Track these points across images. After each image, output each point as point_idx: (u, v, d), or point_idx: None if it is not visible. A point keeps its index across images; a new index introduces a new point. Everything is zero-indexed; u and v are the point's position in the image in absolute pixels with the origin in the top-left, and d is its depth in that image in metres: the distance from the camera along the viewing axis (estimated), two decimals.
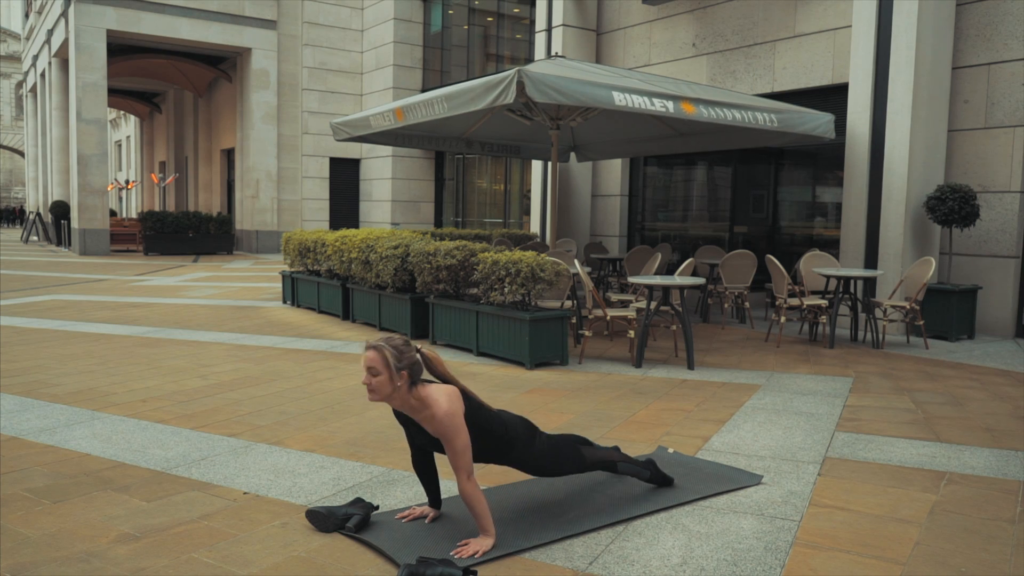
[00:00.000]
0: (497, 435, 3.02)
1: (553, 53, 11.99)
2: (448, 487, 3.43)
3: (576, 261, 7.58)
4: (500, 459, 3.10)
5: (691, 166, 12.19)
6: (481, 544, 2.87)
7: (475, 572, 2.68)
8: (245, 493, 3.49)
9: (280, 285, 11.85)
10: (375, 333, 8.11)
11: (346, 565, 2.80)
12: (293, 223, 21.85)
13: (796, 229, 10.64)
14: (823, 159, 10.15)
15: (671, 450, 4.11)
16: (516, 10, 18.37)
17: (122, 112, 39.81)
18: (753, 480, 3.70)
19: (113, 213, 30.73)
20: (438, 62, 20.41)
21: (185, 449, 4.12)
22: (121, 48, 22.35)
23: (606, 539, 3.03)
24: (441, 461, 3.61)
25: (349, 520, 3.05)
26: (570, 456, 3.25)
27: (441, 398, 2.85)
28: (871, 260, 8.56)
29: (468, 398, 2.96)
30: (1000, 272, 8.36)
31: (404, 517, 3.16)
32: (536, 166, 13.18)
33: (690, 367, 6.42)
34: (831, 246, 9.74)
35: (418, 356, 2.88)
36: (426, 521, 3.14)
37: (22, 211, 39.43)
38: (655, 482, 3.55)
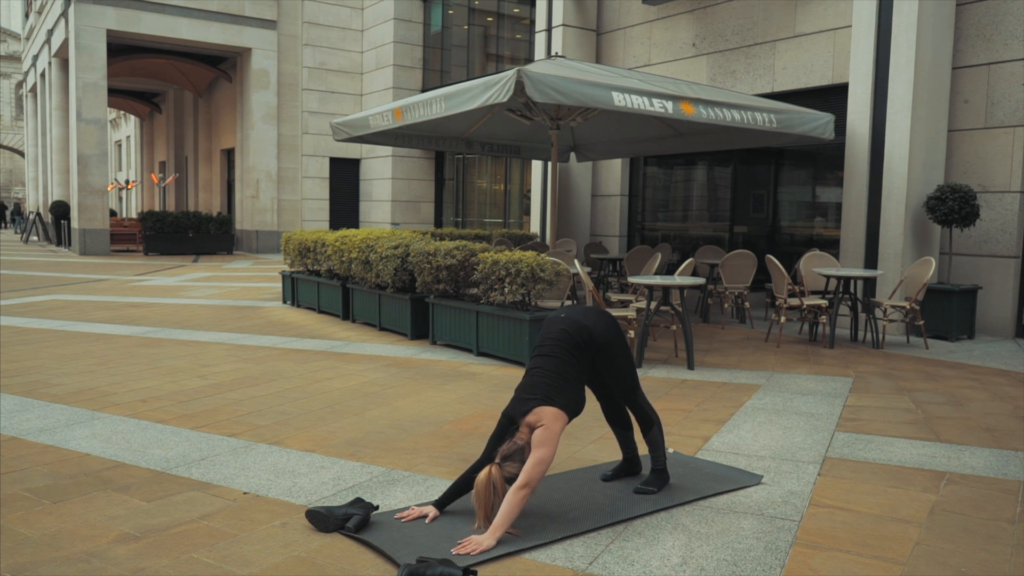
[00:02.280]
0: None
1: (553, 53, 11.99)
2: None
3: (576, 261, 7.58)
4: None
5: (691, 166, 12.18)
6: (483, 541, 2.87)
7: (475, 572, 2.68)
8: (245, 493, 3.49)
9: (280, 285, 11.85)
10: (375, 333, 8.11)
11: (346, 565, 2.80)
12: (293, 223, 21.85)
13: (796, 229, 10.63)
14: (823, 159, 10.15)
15: (671, 450, 4.11)
16: (516, 10, 18.36)
17: (122, 112, 39.81)
18: (753, 480, 3.70)
19: (113, 213, 30.74)
20: (438, 62, 20.41)
21: (185, 449, 4.12)
22: (121, 48, 22.35)
23: (606, 539, 3.03)
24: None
25: (349, 520, 3.05)
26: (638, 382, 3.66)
27: (549, 417, 3.12)
28: (871, 260, 8.56)
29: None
30: (1000, 272, 8.36)
31: (404, 517, 3.16)
32: (536, 166, 13.18)
33: (690, 367, 6.42)
34: (831, 246, 9.74)
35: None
36: (426, 521, 3.13)
37: (3, 207, 39.28)
38: (657, 475, 3.55)
